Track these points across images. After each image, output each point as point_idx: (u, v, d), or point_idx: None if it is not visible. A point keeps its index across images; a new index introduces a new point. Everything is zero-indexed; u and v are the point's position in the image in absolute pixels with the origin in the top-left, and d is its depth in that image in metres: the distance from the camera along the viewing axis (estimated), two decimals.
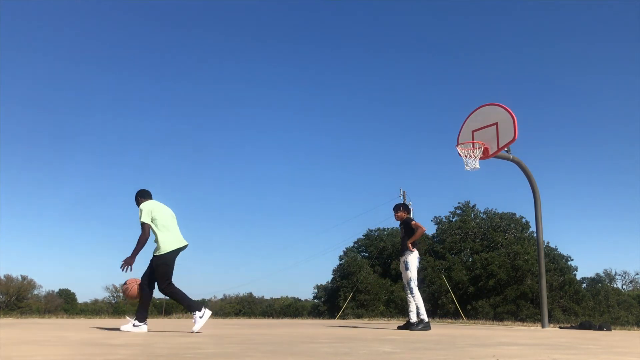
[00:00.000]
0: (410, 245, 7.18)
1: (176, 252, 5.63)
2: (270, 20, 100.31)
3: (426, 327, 6.97)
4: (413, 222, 7.33)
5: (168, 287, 5.51)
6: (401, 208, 7.64)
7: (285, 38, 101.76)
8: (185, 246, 5.75)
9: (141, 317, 5.46)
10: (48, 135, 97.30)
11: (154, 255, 5.56)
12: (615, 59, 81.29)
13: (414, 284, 7.13)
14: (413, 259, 7.20)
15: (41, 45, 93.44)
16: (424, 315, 7.04)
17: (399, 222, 7.68)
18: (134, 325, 5.41)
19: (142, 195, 5.82)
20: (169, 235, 5.59)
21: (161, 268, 5.50)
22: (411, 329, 6.94)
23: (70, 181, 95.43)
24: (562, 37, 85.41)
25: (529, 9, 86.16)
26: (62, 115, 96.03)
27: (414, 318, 7.19)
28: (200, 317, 5.38)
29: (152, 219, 5.58)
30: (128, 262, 5.41)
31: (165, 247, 5.52)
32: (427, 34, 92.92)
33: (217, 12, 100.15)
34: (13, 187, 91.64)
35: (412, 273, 7.16)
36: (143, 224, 5.51)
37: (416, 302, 7.09)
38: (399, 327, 7.30)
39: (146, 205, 5.65)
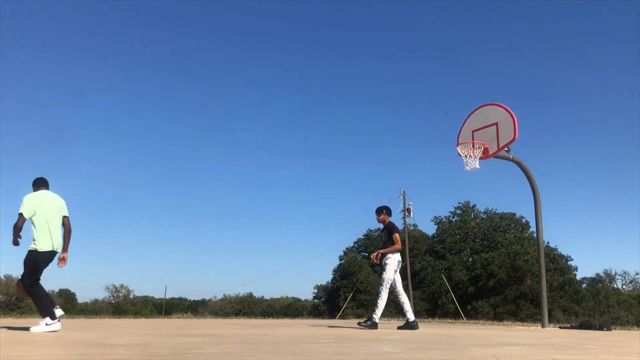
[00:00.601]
0: (379, 252, 7.43)
1: (48, 254, 5.48)
2: (271, 22, 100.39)
3: (372, 326, 7.11)
4: (395, 235, 7.43)
5: (33, 286, 5.40)
6: (384, 211, 7.76)
7: (285, 39, 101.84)
8: (57, 254, 5.62)
9: (49, 314, 5.29)
10: (48, 135, 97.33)
11: (28, 250, 5.46)
12: (615, 59, 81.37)
13: (385, 285, 7.26)
14: (393, 261, 7.36)
15: (41, 44, 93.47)
16: (377, 317, 7.19)
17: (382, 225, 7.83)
18: (46, 324, 5.24)
19: (36, 185, 5.69)
20: (45, 235, 5.48)
21: (30, 263, 5.41)
22: (359, 325, 7.17)
23: (70, 181, 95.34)
24: (562, 37, 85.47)
25: (529, 9, 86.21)
26: (62, 115, 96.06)
27: (411, 317, 7.28)
28: (47, 325, 5.23)
29: (33, 213, 5.47)
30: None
31: (40, 246, 5.42)
32: (427, 34, 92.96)
33: (219, 13, 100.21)
34: (13, 187, 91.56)
35: (388, 274, 7.30)
36: (20, 215, 5.39)
37: (379, 302, 7.23)
38: (399, 328, 7.34)
39: (30, 198, 5.52)
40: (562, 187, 77.05)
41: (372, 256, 7.63)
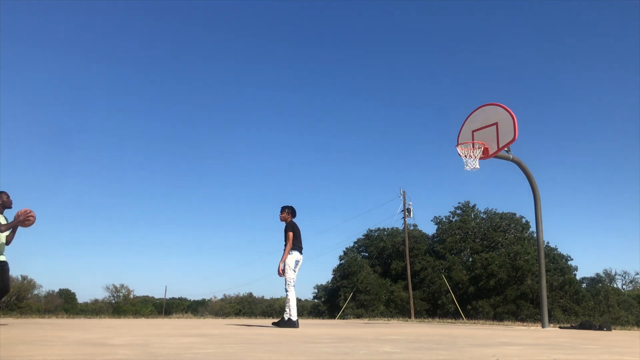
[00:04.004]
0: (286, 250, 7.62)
1: None
2: (271, 20, 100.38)
3: (291, 324, 7.34)
4: (288, 234, 7.63)
5: None
6: (286, 210, 7.88)
7: (285, 38, 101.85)
8: None
9: None
10: (48, 135, 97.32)
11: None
12: (615, 57, 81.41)
13: (289, 284, 7.48)
14: (290, 261, 7.55)
15: (42, 44, 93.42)
16: (294, 316, 7.40)
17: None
18: None
19: None
20: None
21: None
22: (279, 325, 7.33)
23: (71, 181, 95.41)
24: (562, 35, 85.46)
25: (528, 8, 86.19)
26: (63, 114, 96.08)
27: (287, 316, 7.46)
28: None
29: None
30: None
31: None
32: (427, 33, 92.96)
33: (220, 12, 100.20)
34: (13, 187, 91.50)
35: (288, 274, 7.52)
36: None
37: (290, 302, 7.45)
38: (273, 324, 7.61)
39: None
40: (562, 187, 77.17)
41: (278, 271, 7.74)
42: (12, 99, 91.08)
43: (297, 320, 7.51)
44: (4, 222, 6.02)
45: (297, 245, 7.65)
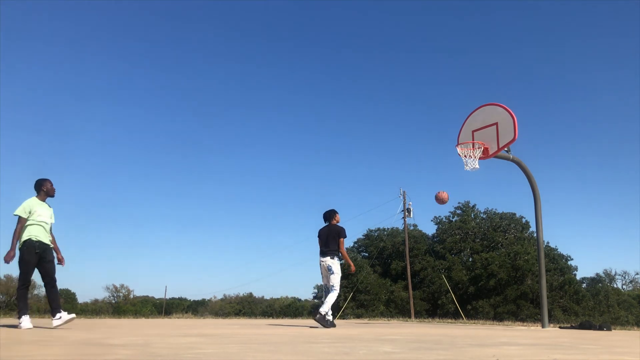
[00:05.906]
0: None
1: None
2: (273, 20, 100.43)
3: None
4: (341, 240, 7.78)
5: None
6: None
7: (285, 38, 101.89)
8: None
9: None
10: (48, 134, 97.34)
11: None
12: (615, 56, 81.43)
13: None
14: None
15: (41, 43, 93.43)
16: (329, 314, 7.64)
17: (330, 225, 7.92)
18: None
19: None
20: None
21: None
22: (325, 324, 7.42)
23: (70, 180, 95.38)
24: (562, 35, 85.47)
25: (528, 8, 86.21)
26: (62, 114, 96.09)
27: (323, 312, 7.52)
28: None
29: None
30: None
31: None
32: (427, 33, 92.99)
33: (220, 12, 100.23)
34: (13, 186, 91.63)
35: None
36: None
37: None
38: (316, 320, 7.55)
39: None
40: (562, 186, 77.17)
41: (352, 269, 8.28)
42: (12, 97, 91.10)
43: (317, 316, 7.51)
44: (46, 210, 6.03)
45: (319, 250, 7.86)
